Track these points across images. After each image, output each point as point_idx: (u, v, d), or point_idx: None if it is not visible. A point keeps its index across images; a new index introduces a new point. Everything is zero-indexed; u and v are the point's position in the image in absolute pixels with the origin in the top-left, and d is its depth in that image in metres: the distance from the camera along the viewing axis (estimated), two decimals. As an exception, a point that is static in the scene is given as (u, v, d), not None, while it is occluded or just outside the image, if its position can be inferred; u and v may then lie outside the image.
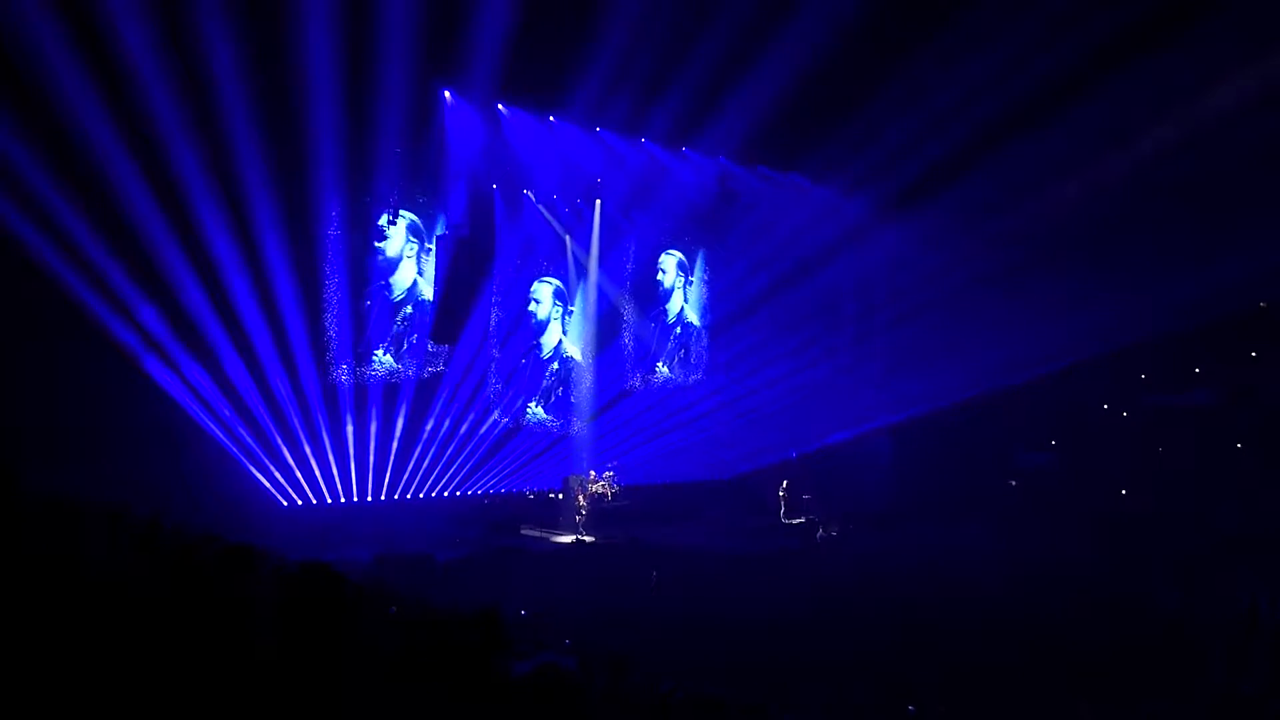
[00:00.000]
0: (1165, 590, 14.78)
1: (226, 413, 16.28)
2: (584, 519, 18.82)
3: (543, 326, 21.50)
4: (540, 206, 21.11)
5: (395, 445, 18.66)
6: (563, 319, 21.86)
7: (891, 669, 11.18)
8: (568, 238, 21.76)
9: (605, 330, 22.58)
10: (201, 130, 14.54)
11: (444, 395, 19.38)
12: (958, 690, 10.42)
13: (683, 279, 24.19)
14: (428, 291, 19.06)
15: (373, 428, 18.33)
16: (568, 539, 18.44)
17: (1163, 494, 20.43)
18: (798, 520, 20.77)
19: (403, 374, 18.77)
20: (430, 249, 19.11)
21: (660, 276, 23.78)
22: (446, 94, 18.52)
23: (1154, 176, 18.51)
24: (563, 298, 21.80)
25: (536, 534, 18.93)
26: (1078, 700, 9.86)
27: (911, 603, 14.47)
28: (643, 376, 23.33)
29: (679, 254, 24.06)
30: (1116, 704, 9.83)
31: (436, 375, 19.29)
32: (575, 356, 22.08)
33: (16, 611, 2.62)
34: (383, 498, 18.61)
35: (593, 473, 19.92)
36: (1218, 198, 18.63)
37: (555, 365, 21.76)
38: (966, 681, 10.68)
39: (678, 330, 24.13)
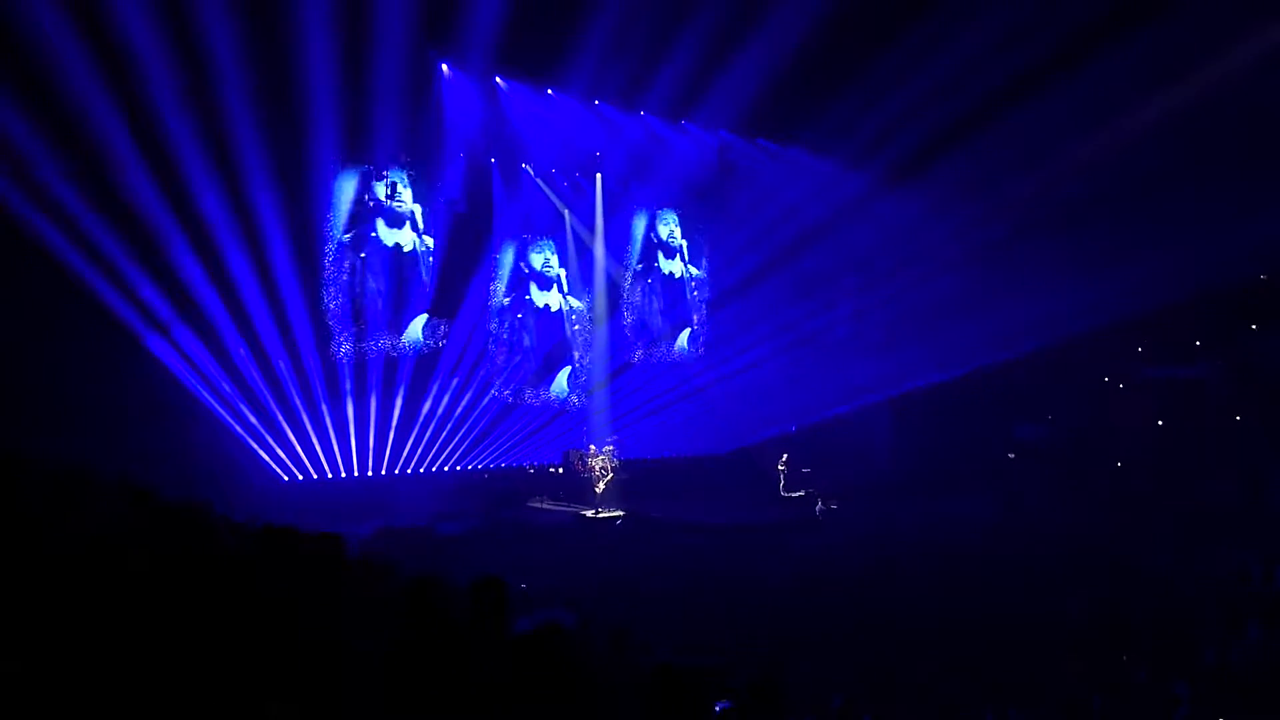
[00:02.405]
0: (1161, 562, 14.86)
1: (226, 388, 16.33)
2: (602, 493, 18.88)
3: (564, 302, 21.55)
4: (539, 180, 21.04)
5: (395, 420, 18.72)
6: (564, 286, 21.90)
7: (890, 639, 11.28)
8: (567, 212, 21.70)
9: (606, 304, 22.57)
10: (197, 103, 14.50)
11: (444, 369, 19.41)
12: (954, 657, 10.53)
13: (683, 247, 24.10)
14: (426, 263, 19.05)
15: (373, 402, 18.37)
16: (588, 512, 18.52)
17: (1161, 467, 20.49)
18: (797, 493, 20.84)
19: (401, 348, 18.78)
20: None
21: (660, 235, 23.63)
22: (444, 67, 18.42)
23: (1155, 146, 18.44)
24: (562, 262, 21.78)
25: (556, 506, 19.07)
26: (1071, 668, 9.95)
27: (910, 574, 14.57)
28: (643, 350, 23.34)
29: (674, 218, 23.90)
30: (1108, 671, 9.92)
31: (436, 350, 19.30)
32: (576, 328, 22.10)
33: (19, 577, 2.66)
34: (383, 472, 18.68)
35: (593, 447, 19.99)
36: (1219, 167, 18.55)
37: (568, 330, 21.85)
38: (963, 650, 10.78)
39: (679, 299, 24.10)
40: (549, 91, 19.83)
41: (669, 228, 23.67)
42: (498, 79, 19.24)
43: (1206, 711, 8.71)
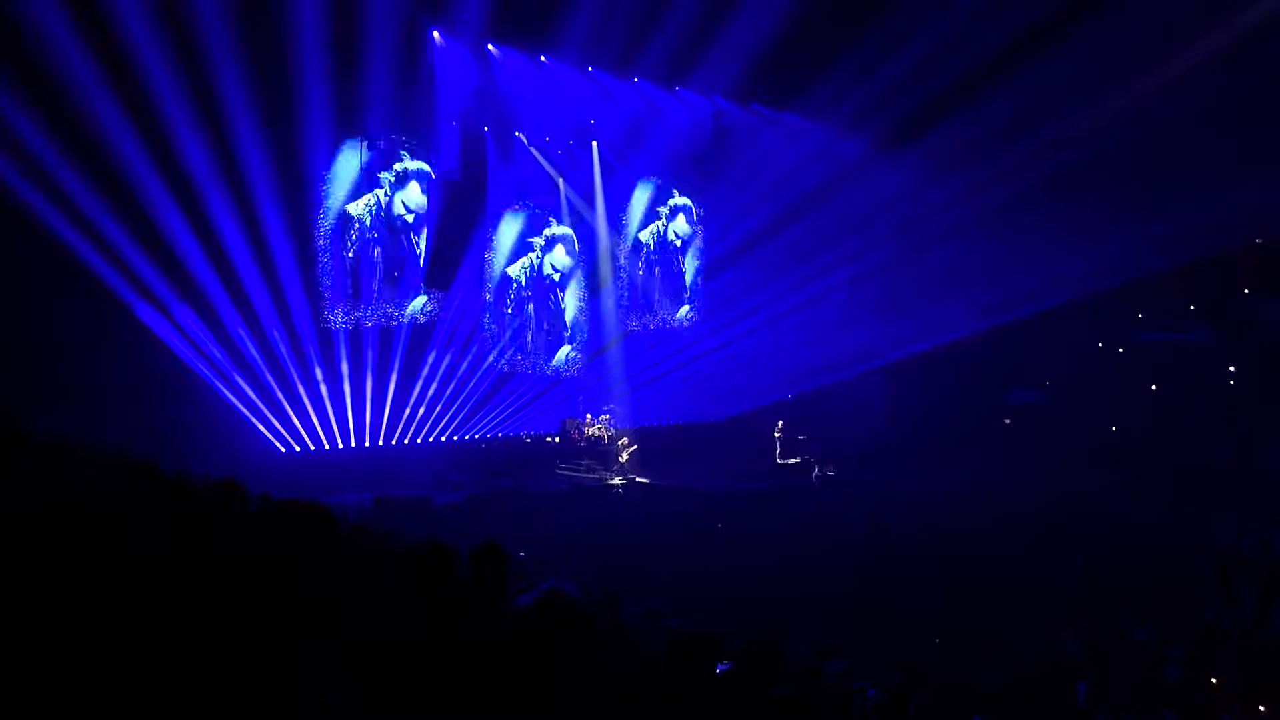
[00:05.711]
0: (1156, 526, 14.95)
1: (221, 359, 16.28)
2: (628, 461, 18.92)
3: (561, 272, 21.50)
4: (533, 149, 20.87)
5: (392, 390, 18.68)
6: (576, 265, 21.87)
7: (887, 603, 11.35)
8: (561, 180, 21.55)
9: (605, 272, 22.49)
10: (188, 72, 14.34)
11: (439, 340, 19.35)
12: (951, 620, 10.61)
13: (679, 219, 24.02)
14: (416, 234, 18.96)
15: (369, 373, 18.34)
16: (617, 481, 18.66)
17: (1156, 431, 20.57)
18: (793, 460, 20.91)
19: (396, 320, 18.72)
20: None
21: (659, 217, 23.60)
22: (436, 34, 18.21)
23: (1151, 111, 18.35)
24: (571, 243, 21.72)
25: (578, 474, 19.25)
26: (1065, 629, 10.04)
27: (906, 539, 14.64)
28: (639, 319, 23.28)
29: (677, 195, 23.87)
30: (1105, 633, 10.01)
31: (431, 320, 19.23)
32: (576, 299, 22.09)
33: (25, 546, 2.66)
34: (380, 443, 18.67)
35: (589, 415, 20.00)
36: (1216, 132, 18.47)
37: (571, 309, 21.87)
38: (960, 612, 10.86)
39: (674, 271, 24.03)
40: (542, 59, 19.62)
41: (669, 208, 23.66)
42: (490, 46, 19.02)
43: (1199, 671, 8.79)
